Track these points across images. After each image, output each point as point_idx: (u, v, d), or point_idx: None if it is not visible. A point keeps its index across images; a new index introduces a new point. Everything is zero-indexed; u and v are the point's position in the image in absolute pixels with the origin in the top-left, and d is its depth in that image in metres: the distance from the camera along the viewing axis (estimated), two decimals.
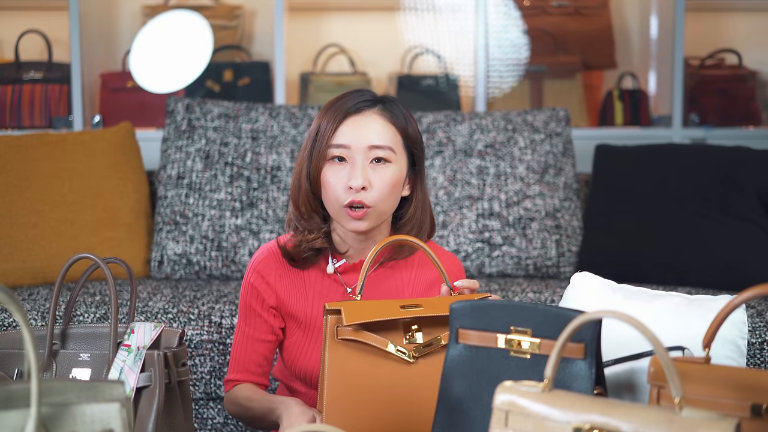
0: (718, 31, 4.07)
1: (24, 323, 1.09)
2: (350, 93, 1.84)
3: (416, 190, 1.88)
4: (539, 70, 3.88)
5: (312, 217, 1.85)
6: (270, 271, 1.87)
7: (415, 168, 1.87)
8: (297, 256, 1.86)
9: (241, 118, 3.00)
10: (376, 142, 1.79)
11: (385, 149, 1.80)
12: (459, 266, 1.94)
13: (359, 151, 1.79)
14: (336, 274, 1.88)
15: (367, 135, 1.79)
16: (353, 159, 1.79)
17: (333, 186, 1.79)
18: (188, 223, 2.88)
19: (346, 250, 1.87)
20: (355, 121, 1.80)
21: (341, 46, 3.97)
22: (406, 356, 1.65)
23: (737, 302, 1.42)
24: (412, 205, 1.87)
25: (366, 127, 1.80)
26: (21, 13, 4.01)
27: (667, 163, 2.99)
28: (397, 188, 1.82)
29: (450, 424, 1.51)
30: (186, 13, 3.79)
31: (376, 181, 1.79)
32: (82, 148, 2.94)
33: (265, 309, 1.88)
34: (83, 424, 1.14)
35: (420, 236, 1.88)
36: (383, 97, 1.85)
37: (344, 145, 1.79)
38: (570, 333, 1.24)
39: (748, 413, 1.37)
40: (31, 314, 2.46)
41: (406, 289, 1.90)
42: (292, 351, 1.90)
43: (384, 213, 1.82)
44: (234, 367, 1.90)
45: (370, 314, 1.63)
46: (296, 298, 1.88)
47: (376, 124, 1.81)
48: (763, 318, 2.39)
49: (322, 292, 1.87)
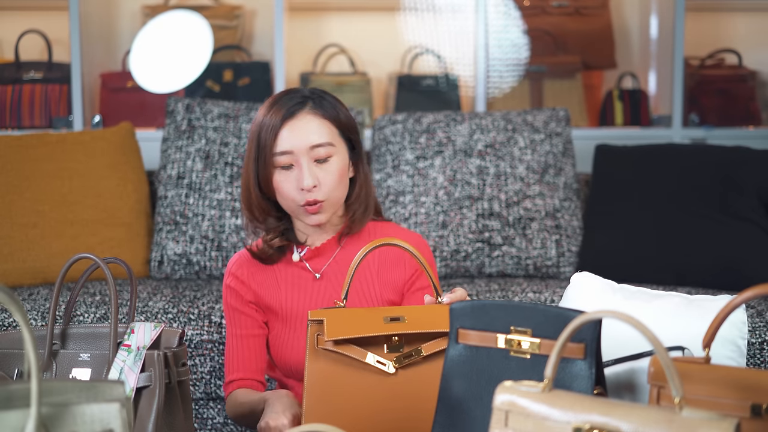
0: (718, 31, 4.08)
1: (24, 323, 1.09)
2: (280, 97, 1.94)
3: (359, 171, 1.99)
4: (539, 70, 3.88)
5: (266, 220, 1.98)
6: (243, 271, 2.00)
7: (355, 151, 1.97)
8: (263, 255, 1.99)
9: (241, 118, 3.00)
10: (316, 141, 1.90)
11: (325, 146, 1.91)
12: (424, 244, 2.02)
13: (302, 153, 1.90)
14: (302, 261, 1.99)
15: (306, 137, 1.90)
16: (299, 162, 1.90)
17: (287, 190, 1.91)
18: (188, 223, 2.88)
19: (306, 238, 2.00)
20: (293, 125, 1.90)
21: (341, 46, 3.97)
22: (386, 368, 1.67)
23: (737, 302, 1.42)
24: (357, 185, 1.99)
25: (303, 129, 1.90)
26: (21, 13, 4.01)
27: (667, 163, 2.99)
28: (345, 177, 1.94)
29: (450, 424, 1.51)
30: (186, 13, 3.79)
31: (323, 177, 1.90)
32: (82, 148, 2.94)
33: (245, 304, 1.98)
34: (83, 424, 1.14)
35: (367, 213, 2.00)
36: (311, 93, 1.94)
37: (287, 151, 1.90)
38: (570, 333, 1.24)
39: (747, 413, 1.37)
40: (31, 314, 2.46)
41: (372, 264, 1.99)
42: (275, 344, 1.98)
43: (337, 202, 1.95)
44: (229, 369, 1.98)
45: (353, 328, 1.67)
46: (270, 291, 1.98)
47: (312, 124, 1.91)
48: (763, 318, 2.39)
49: (293, 281, 1.99)
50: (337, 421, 1.64)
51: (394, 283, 1.98)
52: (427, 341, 1.68)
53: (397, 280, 1.99)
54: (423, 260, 1.73)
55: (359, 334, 1.66)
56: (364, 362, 1.67)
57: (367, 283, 1.98)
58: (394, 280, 1.99)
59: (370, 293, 1.97)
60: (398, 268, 1.99)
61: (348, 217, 1.99)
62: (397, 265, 1.99)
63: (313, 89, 1.96)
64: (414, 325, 1.68)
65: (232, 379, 1.96)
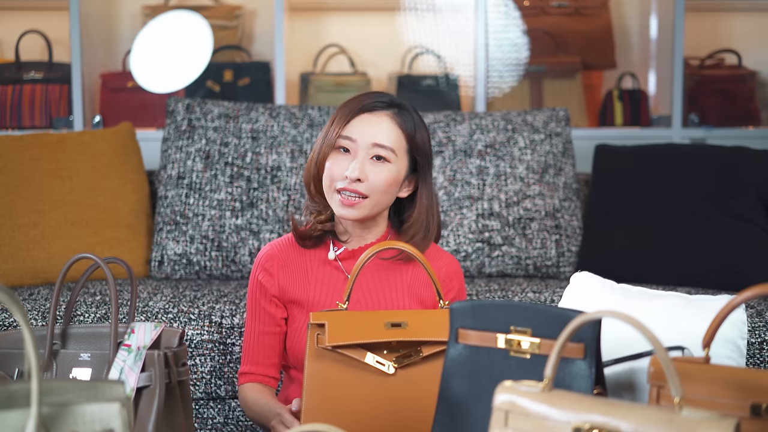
0: (718, 31, 4.08)
1: (24, 323, 1.10)
2: (372, 92, 1.97)
3: (420, 195, 1.98)
4: (539, 70, 3.88)
5: (321, 199, 1.97)
6: (273, 262, 1.99)
7: (417, 173, 1.97)
8: (305, 235, 1.98)
9: (241, 118, 3.00)
10: (380, 140, 1.91)
11: (386, 149, 1.91)
12: (456, 267, 2.02)
13: (363, 146, 1.90)
14: (336, 261, 1.98)
15: (373, 132, 1.91)
16: (356, 152, 1.91)
17: (332, 170, 1.91)
18: (188, 223, 2.88)
19: (348, 238, 1.99)
20: (366, 118, 1.92)
21: (341, 47, 3.97)
22: (386, 368, 1.68)
23: (737, 302, 1.42)
24: (416, 209, 1.98)
25: (374, 126, 1.92)
26: (21, 13, 4.02)
27: (667, 163, 2.99)
28: (393, 187, 1.93)
29: (450, 424, 1.52)
30: (186, 14, 3.79)
31: (372, 176, 1.90)
32: (82, 148, 2.94)
33: (269, 300, 1.98)
34: (83, 423, 1.14)
35: (427, 239, 1.98)
36: (400, 103, 1.96)
37: (351, 137, 1.91)
38: (570, 333, 1.24)
39: (747, 413, 1.37)
40: (32, 314, 2.47)
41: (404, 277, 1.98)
42: (294, 337, 1.98)
43: (377, 205, 1.92)
44: (246, 359, 2.01)
45: (354, 334, 1.67)
46: (299, 284, 1.98)
47: (384, 125, 1.92)
48: (762, 318, 2.39)
49: (324, 279, 1.98)
50: (336, 421, 1.65)
51: (423, 301, 1.98)
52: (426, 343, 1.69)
53: (425, 297, 1.98)
54: (428, 266, 1.76)
55: (359, 340, 1.67)
56: (363, 362, 1.68)
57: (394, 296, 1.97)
58: (422, 296, 1.98)
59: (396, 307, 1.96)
60: (431, 290, 1.97)
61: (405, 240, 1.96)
62: (431, 287, 1.97)
63: (404, 102, 1.97)
64: (414, 332, 1.69)
65: (246, 371, 2.00)
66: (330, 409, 1.67)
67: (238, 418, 2.43)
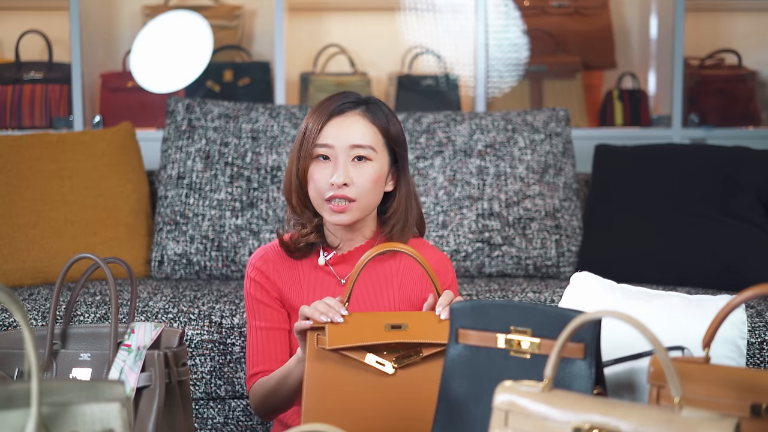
0: (718, 31, 4.08)
1: (24, 323, 1.10)
2: (336, 95, 1.97)
3: (399, 186, 1.99)
4: (539, 70, 3.88)
5: (304, 212, 1.98)
6: (268, 266, 1.99)
7: (398, 165, 1.98)
8: (293, 247, 1.98)
9: (241, 118, 3.00)
10: (358, 141, 1.92)
11: (365, 148, 1.92)
12: (446, 264, 2.02)
13: (341, 150, 1.91)
14: (327, 266, 1.98)
15: (349, 135, 1.92)
16: (336, 157, 1.91)
17: (317, 181, 1.92)
18: (188, 223, 2.88)
19: (338, 244, 1.99)
20: (339, 122, 1.93)
21: (341, 47, 3.97)
22: (386, 368, 1.68)
23: (737, 302, 1.42)
24: (395, 200, 1.99)
25: (348, 128, 1.92)
26: (21, 13, 4.02)
27: (667, 163, 2.99)
28: (379, 184, 1.94)
29: (450, 424, 1.52)
30: (186, 14, 3.79)
31: (357, 178, 1.91)
32: (82, 148, 2.94)
33: (272, 299, 1.97)
34: (83, 423, 1.14)
35: (406, 230, 1.99)
36: (367, 99, 1.97)
37: (328, 144, 1.92)
38: (570, 333, 1.24)
39: (747, 413, 1.37)
40: (32, 314, 2.47)
41: (395, 278, 1.98)
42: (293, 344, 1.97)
43: (367, 207, 1.94)
44: (252, 361, 1.96)
45: (354, 336, 1.68)
46: (293, 291, 1.97)
47: (358, 125, 1.93)
48: (762, 318, 2.39)
49: (316, 284, 1.97)
50: (336, 421, 1.65)
51: (413, 299, 1.98)
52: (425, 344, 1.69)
53: (415, 296, 1.99)
54: (428, 266, 1.76)
55: (360, 342, 1.67)
56: (363, 363, 1.68)
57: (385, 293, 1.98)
58: (412, 297, 1.98)
59: (387, 304, 1.96)
60: (420, 284, 1.99)
61: (386, 232, 1.98)
62: (420, 281, 1.99)
63: (370, 96, 1.99)
64: (415, 334, 1.69)
65: (255, 372, 1.95)
66: (330, 408, 1.67)
67: (238, 418, 2.43)
